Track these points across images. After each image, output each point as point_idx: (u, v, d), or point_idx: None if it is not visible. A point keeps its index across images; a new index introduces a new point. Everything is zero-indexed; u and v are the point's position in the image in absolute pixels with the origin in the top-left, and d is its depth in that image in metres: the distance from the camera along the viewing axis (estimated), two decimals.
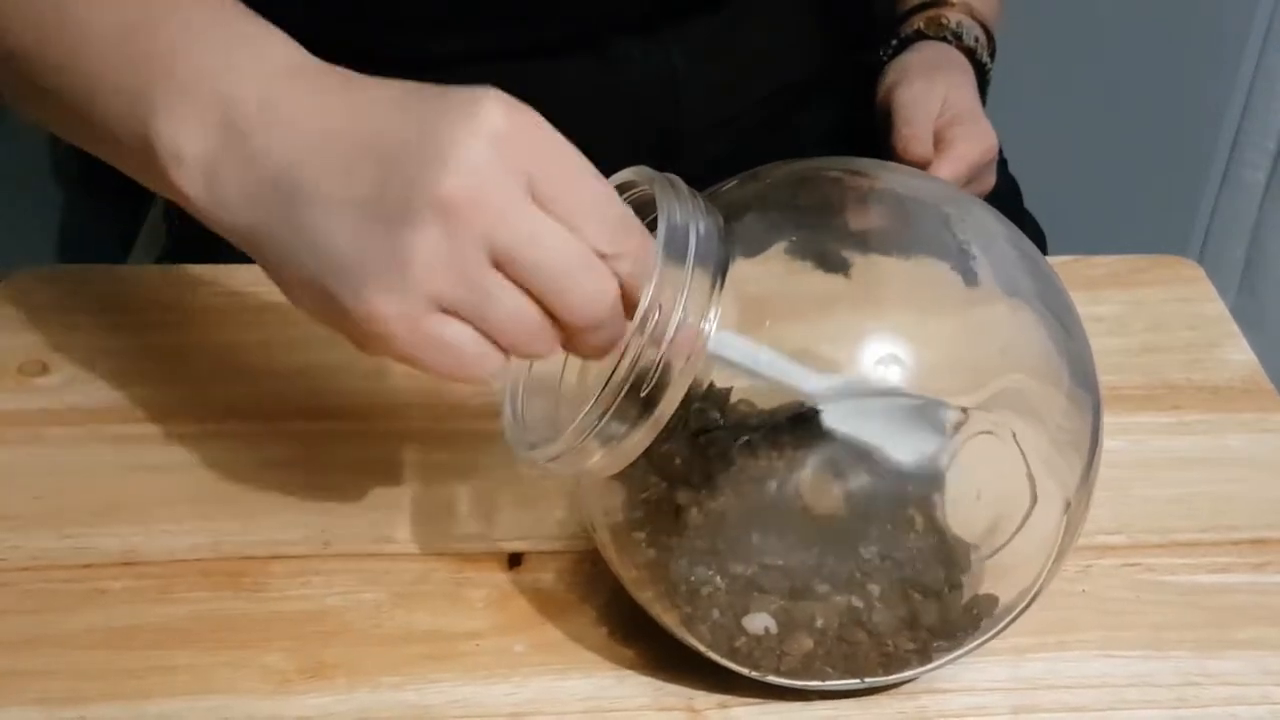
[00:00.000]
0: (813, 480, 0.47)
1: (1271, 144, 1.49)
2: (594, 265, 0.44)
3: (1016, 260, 0.50)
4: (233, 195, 0.47)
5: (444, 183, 0.43)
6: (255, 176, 0.46)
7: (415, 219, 0.43)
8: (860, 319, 0.48)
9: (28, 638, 0.52)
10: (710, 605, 0.48)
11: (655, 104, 0.77)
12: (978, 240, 0.50)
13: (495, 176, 0.43)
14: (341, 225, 0.44)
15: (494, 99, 0.44)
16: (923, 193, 0.54)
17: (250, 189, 0.46)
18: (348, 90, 0.47)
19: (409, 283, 0.43)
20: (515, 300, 0.44)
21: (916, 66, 0.81)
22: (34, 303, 0.68)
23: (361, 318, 0.44)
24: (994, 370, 0.48)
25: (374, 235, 0.44)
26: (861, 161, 0.53)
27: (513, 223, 0.43)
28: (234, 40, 0.48)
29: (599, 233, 0.44)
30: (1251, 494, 0.61)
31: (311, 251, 0.45)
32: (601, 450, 0.45)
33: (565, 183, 0.44)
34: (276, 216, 0.46)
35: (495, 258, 0.44)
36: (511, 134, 0.44)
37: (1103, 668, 0.53)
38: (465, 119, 0.44)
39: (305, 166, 0.45)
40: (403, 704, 0.51)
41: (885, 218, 0.53)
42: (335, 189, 0.45)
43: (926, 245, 0.51)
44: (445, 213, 0.43)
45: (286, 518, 0.57)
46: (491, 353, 0.45)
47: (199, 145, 0.47)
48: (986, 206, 0.52)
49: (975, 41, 0.83)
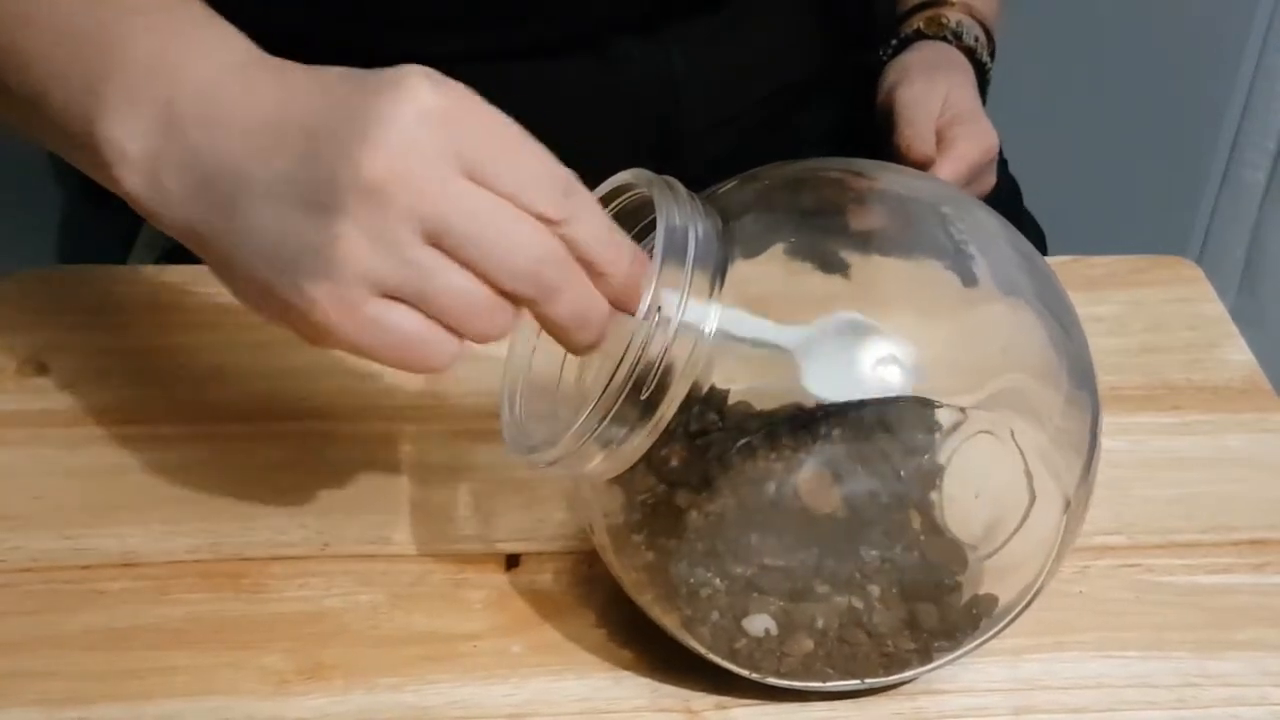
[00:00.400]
0: (812, 481, 0.47)
1: (1271, 144, 1.49)
2: (535, 229, 0.43)
3: (1015, 260, 0.50)
4: (174, 193, 0.46)
5: (366, 161, 0.42)
6: (194, 174, 0.46)
7: (340, 201, 0.42)
8: (859, 319, 0.48)
9: (27, 638, 0.52)
10: (710, 607, 0.48)
11: (655, 104, 0.77)
12: (976, 240, 0.50)
13: (422, 153, 0.42)
14: (273, 214, 0.44)
15: (419, 75, 0.43)
16: (922, 193, 0.54)
17: (190, 186, 0.46)
18: (281, 79, 0.46)
19: (339, 266, 0.43)
20: (457, 276, 0.43)
21: (917, 66, 0.81)
22: (34, 303, 0.68)
23: (301, 308, 0.44)
24: (993, 370, 0.48)
25: (303, 221, 0.43)
26: (860, 162, 0.53)
27: (442, 197, 0.43)
28: (179, 38, 0.48)
29: (540, 198, 0.44)
30: (1251, 494, 0.61)
31: (248, 244, 0.45)
32: (601, 454, 0.45)
33: (500, 154, 0.44)
34: (215, 212, 0.46)
35: (429, 235, 0.43)
36: (439, 110, 0.43)
37: (1102, 668, 0.53)
38: (390, 98, 0.43)
39: (238, 158, 0.45)
40: (401, 705, 0.51)
41: (884, 218, 0.53)
42: (264, 177, 0.44)
43: (925, 245, 0.51)
44: (370, 192, 0.42)
45: (285, 519, 0.57)
46: (443, 337, 0.44)
47: (141, 143, 0.47)
48: (985, 207, 0.52)
49: (975, 41, 0.83)
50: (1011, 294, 0.50)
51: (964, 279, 0.49)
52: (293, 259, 0.44)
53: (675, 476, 0.48)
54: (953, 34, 0.82)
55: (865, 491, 0.47)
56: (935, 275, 0.49)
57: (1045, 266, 0.51)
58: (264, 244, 0.44)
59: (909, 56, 0.82)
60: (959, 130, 0.76)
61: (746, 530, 0.48)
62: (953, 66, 0.81)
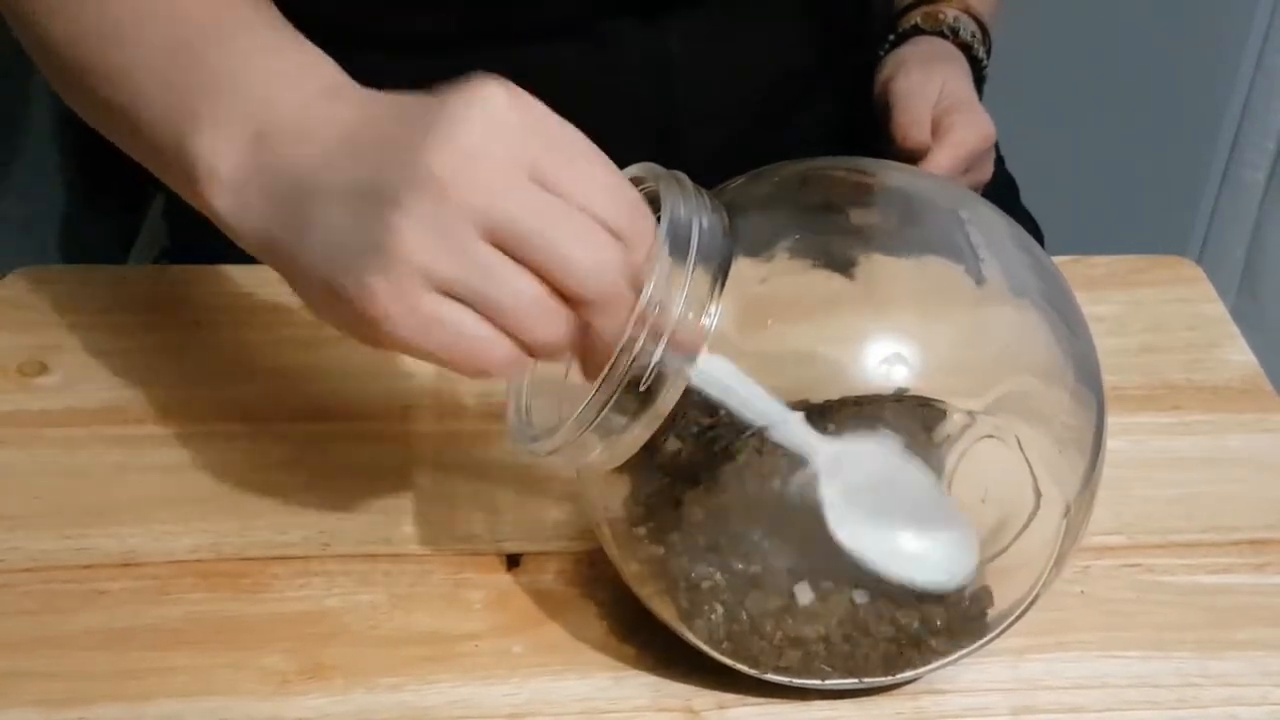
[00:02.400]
0: (815, 478, 0.47)
1: (1271, 144, 1.49)
2: (599, 234, 0.44)
3: (1022, 260, 0.50)
4: (256, 210, 0.48)
5: (430, 157, 0.43)
6: (277, 191, 0.47)
7: (404, 196, 0.43)
8: (865, 319, 0.48)
9: (27, 639, 0.52)
10: (711, 601, 0.48)
11: (651, 91, 0.77)
12: (984, 240, 0.50)
13: (490, 156, 0.43)
14: (340, 212, 0.45)
15: (495, 85, 0.44)
16: (929, 192, 0.54)
17: (271, 200, 0.47)
18: (364, 102, 0.48)
19: (397, 258, 0.43)
20: (516, 276, 0.43)
21: (913, 59, 0.81)
22: (34, 303, 0.68)
23: (359, 302, 0.44)
24: (1000, 372, 0.48)
25: (368, 218, 0.44)
26: (867, 161, 0.53)
27: (507, 197, 0.43)
28: (276, 70, 0.50)
29: (609, 211, 0.44)
30: (1251, 494, 0.61)
31: (315, 245, 0.45)
32: (601, 444, 0.45)
33: (571, 166, 0.44)
34: (290, 224, 0.46)
35: (491, 234, 0.43)
36: (512, 118, 0.44)
37: (1102, 668, 0.53)
38: (463, 103, 0.44)
39: (316, 170, 0.46)
40: (401, 705, 0.51)
41: (891, 217, 0.53)
42: (337, 183, 0.45)
43: (933, 245, 0.50)
44: (434, 188, 0.43)
45: (286, 519, 0.57)
46: (499, 338, 0.44)
47: (231, 162, 0.48)
48: (992, 206, 0.52)
49: (972, 37, 0.83)
50: (1019, 295, 0.50)
51: (972, 279, 0.49)
52: (356, 255, 0.44)
53: (677, 469, 0.48)
54: (950, 30, 0.83)
55: (868, 490, 0.47)
56: (943, 276, 0.49)
57: (1051, 266, 0.51)
58: (330, 244, 0.45)
59: (906, 50, 0.82)
60: (956, 119, 0.76)
61: (748, 525, 0.48)
62: (949, 60, 0.81)
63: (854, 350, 0.47)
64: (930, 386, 0.47)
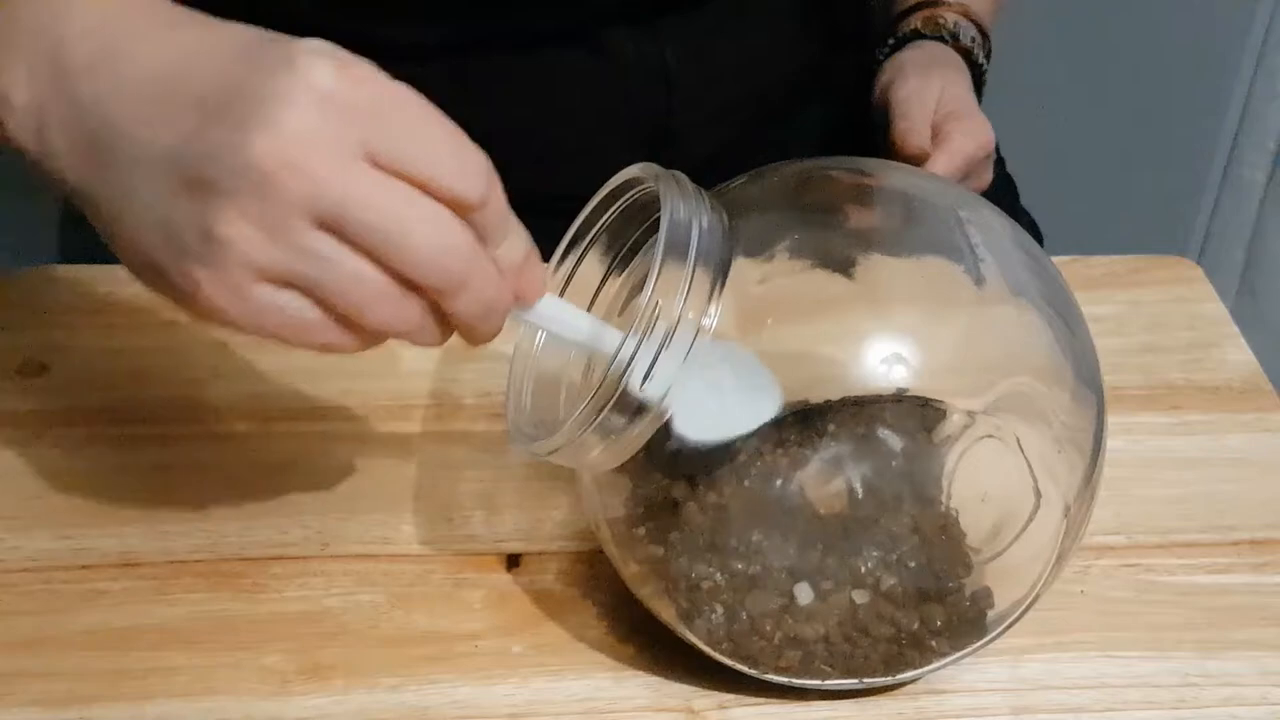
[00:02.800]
0: (815, 478, 0.47)
1: (1271, 144, 1.49)
2: (439, 216, 0.42)
3: (1022, 260, 0.50)
4: (60, 147, 0.44)
5: (257, 145, 0.40)
6: (80, 127, 0.43)
7: (226, 184, 0.40)
8: (865, 319, 0.48)
9: (27, 639, 0.52)
10: (711, 601, 0.48)
11: (648, 97, 0.77)
12: (984, 240, 0.50)
13: (317, 138, 0.40)
14: (158, 186, 0.42)
15: (320, 53, 0.41)
16: (928, 192, 0.54)
17: (76, 140, 0.43)
18: (178, 33, 0.43)
19: (223, 252, 0.41)
20: (352, 263, 0.41)
21: (913, 64, 0.81)
22: (34, 303, 0.68)
23: (186, 290, 0.42)
24: (1000, 372, 0.48)
25: (187, 200, 0.41)
26: (866, 161, 0.53)
27: (336, 185, 0.40)
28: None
29: (449, 179, 0.41)
30: (1251, 494, 0.61)
31: (133, 216, 0.43)
32: (601, 444, 0.45)
33: (408, 137, 0.41)
34: (101, 175, 0.43)
35: (323, 222, 0.41)
36: (340, 93, 0.41)
37: (1102, 668, 0.53)
38: (287, 75, 0.40)
39: (127, 122, 0.42)
40: (401, 705, 0.51)
41: (891, 218, 0.53)
42: (151, 146, 0.42)
43: (932, 245, 0.51)
44: (259, 178, 0.40)
45: (285, 519, 0.57)
46: (333, 324, 0.43)
47: (27, 92, 0.44)
48: (992, 206, 0.52)
49: (972, 41, 0.83)
50: (1019, 294, 0.50)
51: (972, 279, 0.49)
52: (177, 237, 0.42)
53: (677, 470, 0.48)
54: (949, 34, 0.83)
55: (869, 491, 0.47)
56: (942, 275, 0.49)
57: (1051, 266, 0.51)
58: (148, 219, 0.42)
59: (905, 54, 0.82)
60: (955, 125, 0.76)
61: (748, 525, 0.48)
62: (948, 65, 0.81)
63: (854, 350, 0.47)
64: (930, 386, 0.47)
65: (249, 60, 0.42)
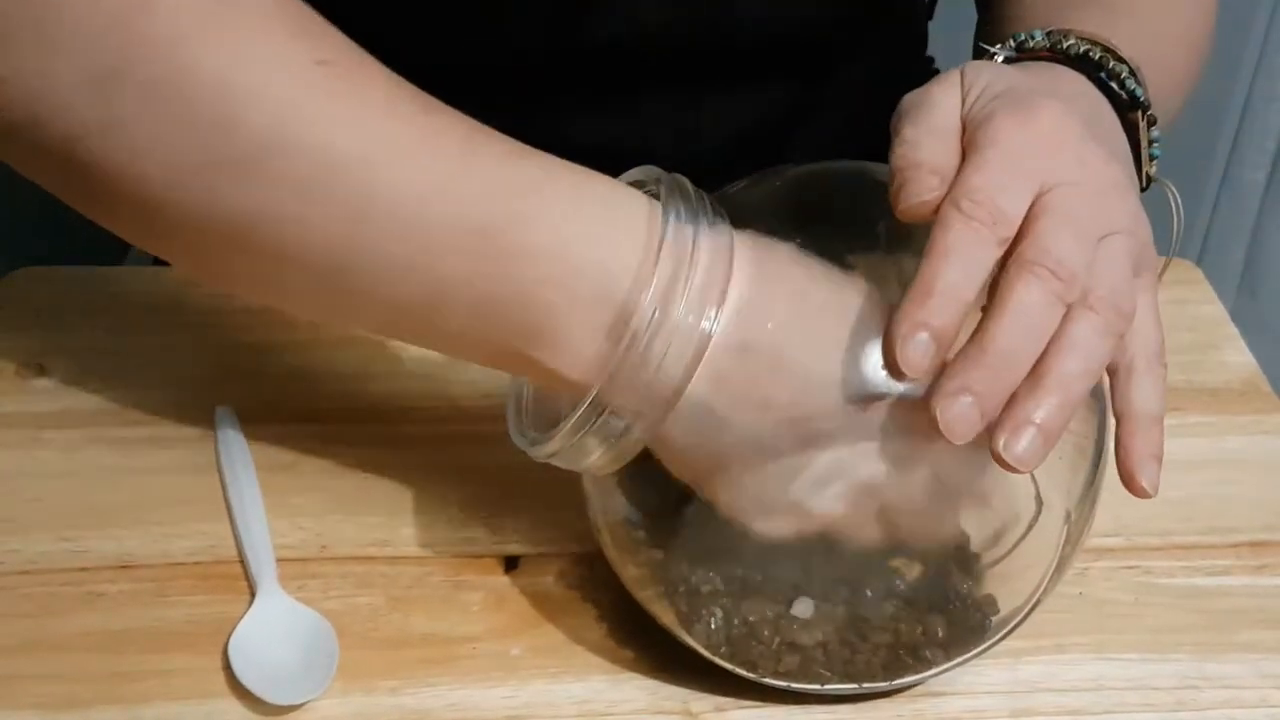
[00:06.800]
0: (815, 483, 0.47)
1: (1271, 144, 1.49)
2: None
3: None
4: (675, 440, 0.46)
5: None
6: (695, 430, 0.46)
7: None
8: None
9: (25, 641, 0.52)
10: (710, 605, 0.48)
11: (673, 153, 0.73)
12: None
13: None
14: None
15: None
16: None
17: (688, 441, 0.46)
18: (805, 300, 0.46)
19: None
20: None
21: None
22: (33, 303, 0.68)
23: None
24: None
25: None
26: (869, 164, 0.53)
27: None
28: (612, 225, 0.46)
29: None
30: (1250, 496, 0.61)
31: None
32: (601, 447, 0.45)
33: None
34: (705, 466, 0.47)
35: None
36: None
37: (1101, 671, 0.53)
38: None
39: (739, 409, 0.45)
40: (399, 708, 0.51)
41: (892, 219, 0.52)
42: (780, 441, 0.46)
43: None
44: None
45: (284, 520, 0.57)
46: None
47: (594, 348, 0.45)
48: None
49: (1110, 67, 0.60)
50: None
51: None
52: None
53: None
54: (1078, 56, 0.60)
55: (869, 494, 0.47)
56: None
57: None
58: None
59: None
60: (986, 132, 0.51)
61: (748, 530, 0.48)
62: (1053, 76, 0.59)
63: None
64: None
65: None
